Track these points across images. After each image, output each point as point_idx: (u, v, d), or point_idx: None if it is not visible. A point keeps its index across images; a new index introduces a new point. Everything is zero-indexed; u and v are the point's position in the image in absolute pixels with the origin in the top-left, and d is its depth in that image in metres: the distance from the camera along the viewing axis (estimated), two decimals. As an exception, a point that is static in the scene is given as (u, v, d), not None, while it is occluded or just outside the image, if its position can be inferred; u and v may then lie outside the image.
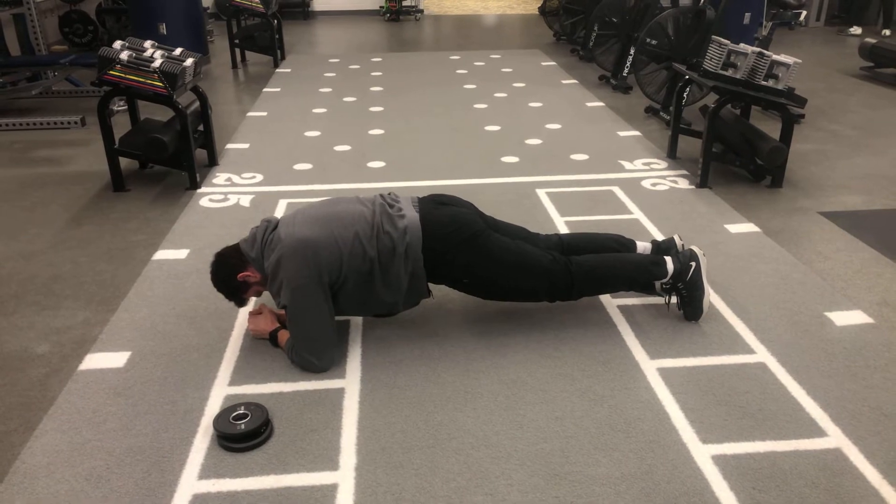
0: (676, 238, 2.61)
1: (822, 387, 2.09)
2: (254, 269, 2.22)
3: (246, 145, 4.47)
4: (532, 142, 4.49)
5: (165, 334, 2.39)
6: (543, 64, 7.00)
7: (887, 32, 8.21)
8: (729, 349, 2.29)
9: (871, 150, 4.33)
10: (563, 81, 6.21)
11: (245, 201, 3.55)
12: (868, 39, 6.38)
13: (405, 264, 2.17)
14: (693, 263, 2.38)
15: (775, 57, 3.56)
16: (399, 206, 2.26)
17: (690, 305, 2.41)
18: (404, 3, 10.16)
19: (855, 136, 4.60)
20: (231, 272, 2.24)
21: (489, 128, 4.80)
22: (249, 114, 5.20)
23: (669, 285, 2.40)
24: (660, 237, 3.08)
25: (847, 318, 2.45)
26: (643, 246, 2.59)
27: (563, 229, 3.20)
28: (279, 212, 3.41)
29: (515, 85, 6.08)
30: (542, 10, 8.85)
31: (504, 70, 6.69)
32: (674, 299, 2.44)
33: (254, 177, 3.90)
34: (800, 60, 3.57)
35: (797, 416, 1.97)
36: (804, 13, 4.76)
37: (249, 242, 2.23)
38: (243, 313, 2.49)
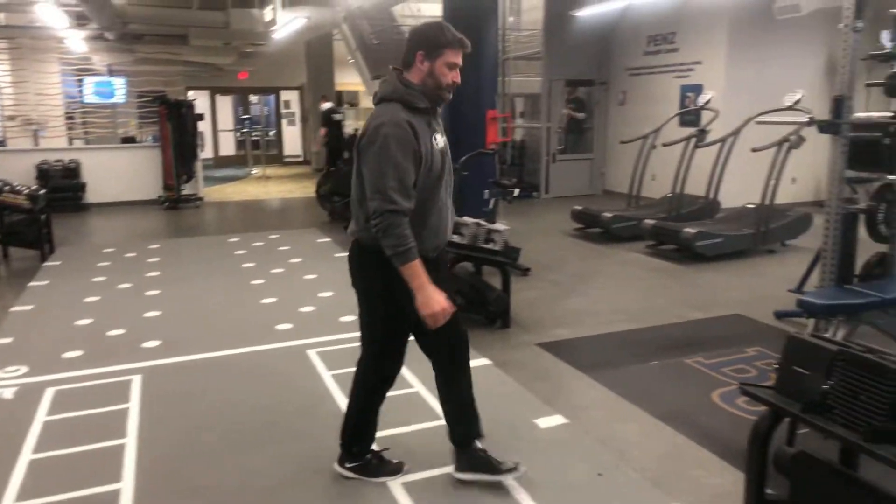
0: None
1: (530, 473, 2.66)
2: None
3: (9, 339, 4.39)
4: (305, 309, 4.97)
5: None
6: (318, 241, 7.70)
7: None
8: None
9: (579, 293, 5.43)
10: (336, 255, 6.89)
11: (8, 394, 3.52)
12: (576, 206, 8.01)
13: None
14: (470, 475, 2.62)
15: (490, 226, 4.53)
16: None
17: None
18: (183, 192, 10.47)
19: (569, 283, 5.72)
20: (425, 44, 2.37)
21: (265, 300, 5.22)
22: (13, 309, 5.09)
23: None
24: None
25: (549, 421, 3.12)
26: None
27: (330, 382, 3.62)
28: (45, 402, 3.43)
29: (292, 261, 6.63)
30: (317, 192, 9.77)
31: (281, 248, 7.25)
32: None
33: (17, 370, 3.86)
34: (510, 227, 4.57)
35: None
36: (517, 191, 6.01)
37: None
38: None
